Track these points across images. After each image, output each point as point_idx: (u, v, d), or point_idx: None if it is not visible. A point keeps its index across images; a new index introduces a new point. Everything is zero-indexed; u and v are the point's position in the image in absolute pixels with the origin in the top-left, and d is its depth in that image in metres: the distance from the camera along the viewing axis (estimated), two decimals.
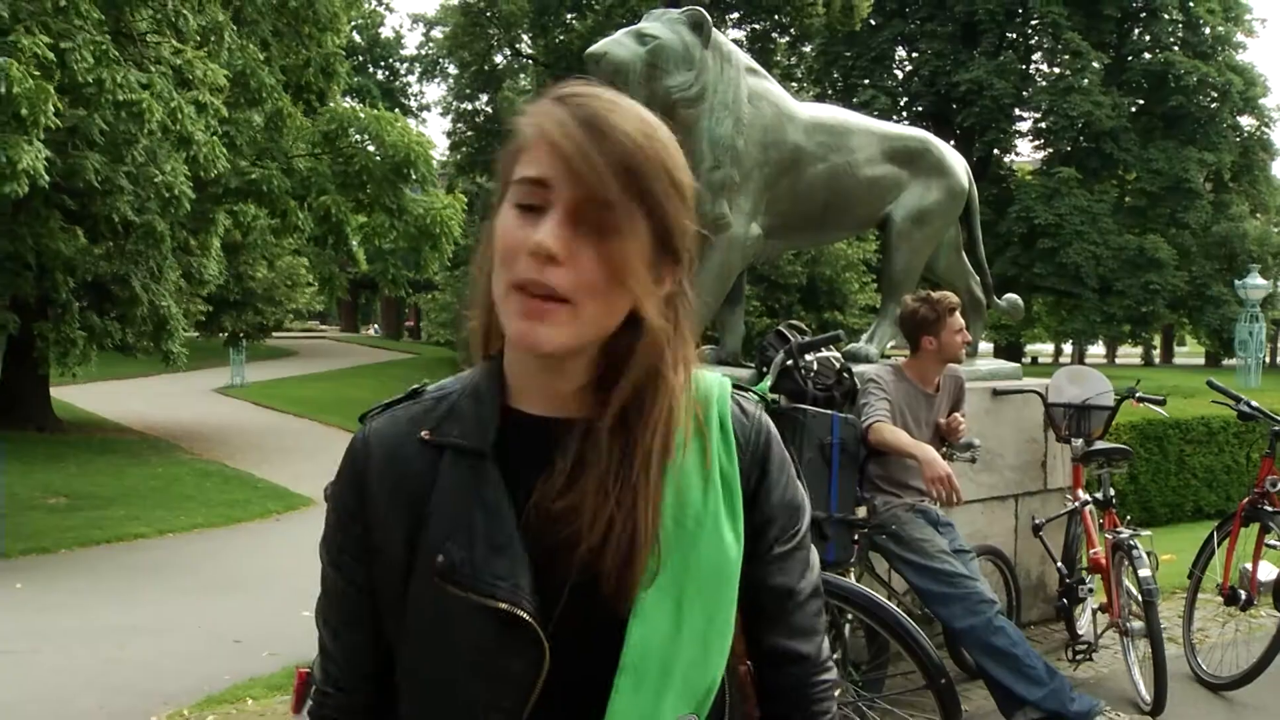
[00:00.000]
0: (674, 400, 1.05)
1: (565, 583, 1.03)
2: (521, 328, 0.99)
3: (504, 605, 1.00)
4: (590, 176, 0.97)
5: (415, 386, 1.15)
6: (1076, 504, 4.85)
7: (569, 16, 29.65)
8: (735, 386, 1.17)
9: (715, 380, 1.14)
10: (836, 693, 1.21)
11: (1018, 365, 5.83)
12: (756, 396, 1.19)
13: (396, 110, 18.73)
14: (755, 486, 1.12)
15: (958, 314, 4.23)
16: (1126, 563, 4.40)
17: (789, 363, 4.00)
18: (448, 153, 34.94)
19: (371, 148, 14.09)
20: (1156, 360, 48.07)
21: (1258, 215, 38.36)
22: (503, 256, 1.00)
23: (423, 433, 1.08)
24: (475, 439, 1.06)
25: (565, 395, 1.06)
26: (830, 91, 35.02)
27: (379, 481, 1.09)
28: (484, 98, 34.22)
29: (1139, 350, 48.03)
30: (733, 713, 1.13)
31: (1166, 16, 35.25)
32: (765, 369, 4.09)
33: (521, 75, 34.77)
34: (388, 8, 58.28)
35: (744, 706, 1.16)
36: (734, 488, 1.09)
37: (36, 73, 8.26)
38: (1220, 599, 4.91)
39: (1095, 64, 34.32)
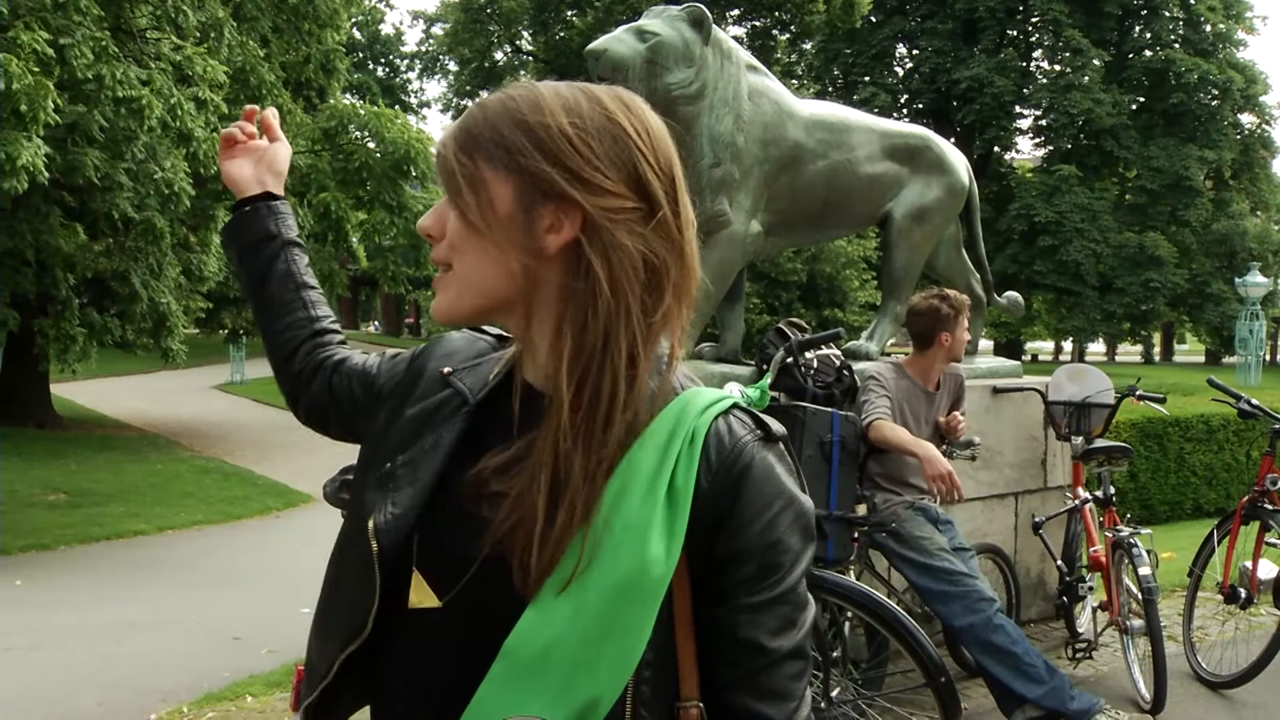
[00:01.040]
0: (618, 390, 1.00)
1: (478, 556, 1.01)
2: (434, 302, 1.10)
3: (370, 526, 1.07)
4: (436, 156, 1.09)
5: (504, 334, 1.23)
6: (1076, 502, 4.85)
7: (569, 13, 29.67)
8: (741, 409, 1.08)
9: (712, 396, 1.07)
10: None
11: (1018, 363, 5.83)
12: (755, 425, 1.07)
13: (396, 107, 18.73)
14: (724, 514, 1.02)
15: (967, 312, 4.27)
16: (1126, 561, 4.39)
17: (789, 360, 4.00)
18: None
19: (371, 144, 14.10)
20: (1156, 358, 48.09)
21: (1258, 213, 38.38)
22: None
23: (446, 368, 1.17)
24: (472, 389, 1.14)
25: (549, 371, 1.06)
26: (830, 89, 35.03)
27: (417, 371, 1.21)
28: (484, 95, 34.13)
29: (1139, 348, 48.07)
30: None
31: (1167, 14, 35.26)
32: (765, 366, 4.08)
33: (522, 72, 34.74)
34: (388, 4, 58.25)
35: None
36: (681, 504, 1.00)
37: (36, 69, 8.25)
38: (1220, 597, 4.91)
39: (1096, 61, 34.34)
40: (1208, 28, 35.67)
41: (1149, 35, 36.01)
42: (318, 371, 1.41)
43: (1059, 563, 4.95)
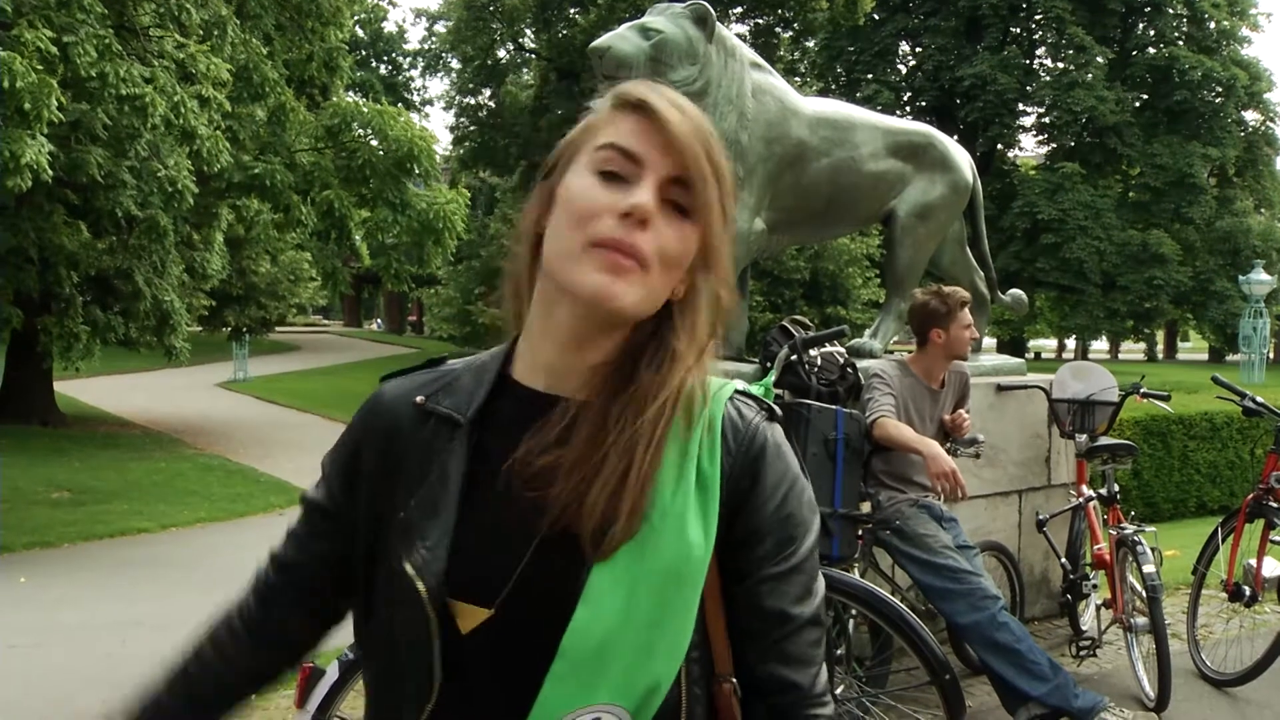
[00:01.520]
0: (685, 374, 1.06)
1: (529, 545, 1.02)
2: (601, 281, 1.01)
3: (409, 570, 1.03)
4: (688, 154, 1.03)
5: (436, 357, 1.21)
6: (1080, 499, 4.84)
7: (572, 10, 29.60)
8: (742, 393, 1.14)
9: (719, 382, 1.12)
10: None
11: (1021, 361, 5.82)
12: (759, 407, 1.14)
13: (399, 105, 18.71)
14: (745, 495, 1.08)
15: (966, 309, 4.23)
16: (1130, 558, 4.39)
17: (793, 358, 4.00)
18: (450, 147, 34.92)
19: (374, 142, 14.05)
20: (1160, 356, 48.02)
21: (1262, 210, 38.30)
22: (579, 216, 1.03)
23: (418, 398, 1.13)
24: (459, 409, 1.10)
25: (577, 372, 1.07)
26: (834, 86, 35.00)
27: (378, 437, 1.14)
28: (487, 92, 34.21)
29: (1142, 346, 47.96)
30: None
31: (1171, 11, 35.19)
32: (769, 364, 4.08)
33: (524, 70, 34.76)
34: (391, 2, 58.32)
35: None
36: (711, 489, 1.05)
37: (39, 67, 8.24)
38: (1224, 595, 4.91)
39: (1099, 59, 34.28)
40: (1211, 25, 35.59)
41: (1152, 32, 35.94)
42: (306, 593, 1.21)
43: (1063, 560, 4.94)
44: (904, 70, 37.68)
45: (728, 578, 1.08)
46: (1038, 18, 35.42)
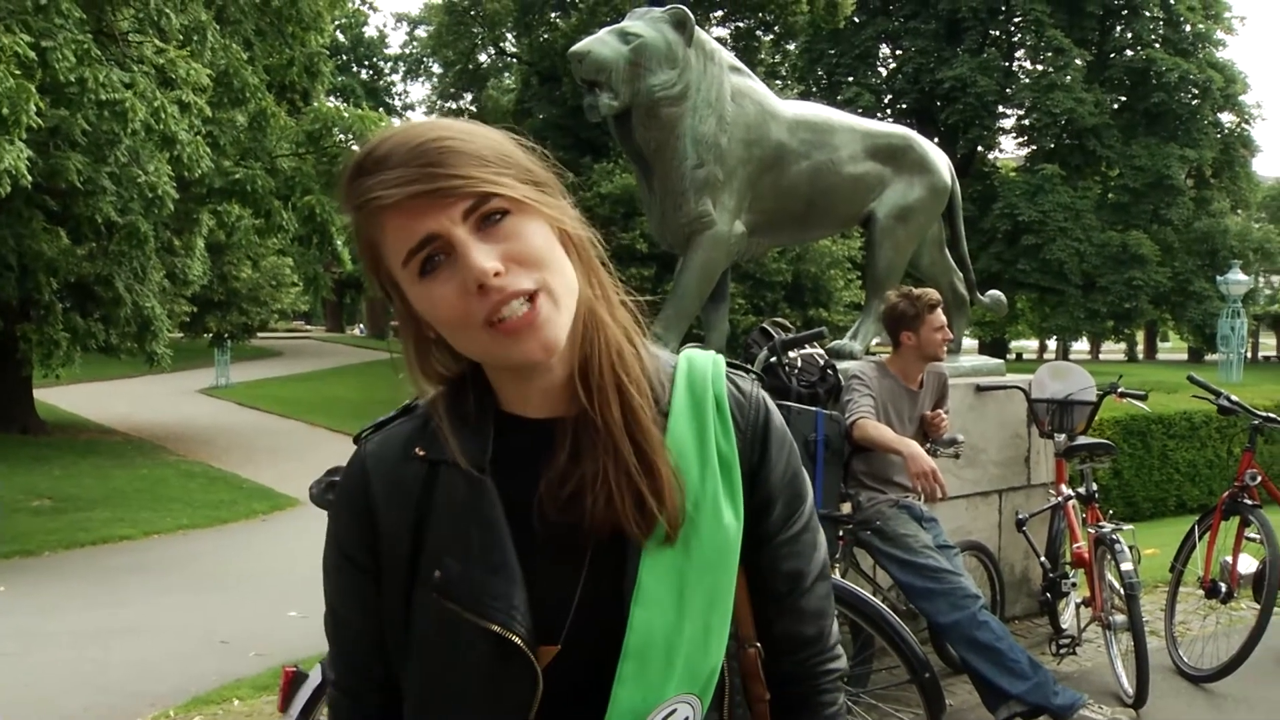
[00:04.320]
0: (622, 355, 1.07)
1: (581, 571, 1.04)
2: (523, 347, 0.99)
3: (495, 628, 1.00)
4: (449, 190, 0.97)
5: (408, 403, 1.15)
6: (1060, 499, 4.88)
7: (553, 15, 29.64)
8: (729, 364, 1.16)
9: (709, 358, 1.13)
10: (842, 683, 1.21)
11: (1001, 361, 5.86)
12: (751, 373, 1.17)
13: (381, 109, 18.66)
14: (756, 466, 1.11)
15: (939, 310, 4.24)
16: (1109, 557, 4.43)
17: (773, 360, 4.02)
18: None
19: (356, 147, 14.02)
20: (1140, 356, 48.29)
21: (1238, 211, 38.61)
22: (453, 323, 1.00)
23: (417, 450, 1.08)
24: (471, 456, 1.05)
25: (555, 392, 1.07)
26: (814, 89, 35.07)
27: (383, 503, 1.09)
28: (468, 97, 34.23)
29: (1122, 346, 48.23)
30: (733, 697, 1.12)
31: (1148, 14, 35.40)
32: (749, 366, 4.10)
33: (506, 74, 34.77)
34: (371, 7, 58.00)
35: (754, 689, 1.15)
36: (733, 468, 1.07)
37: (17, 72, 8.21)
38: (1201, 592, 4.96)
39: (1078, 61, 34.47)
40: (1188, 28, 35.81)
41: (1130, 35, 36.16)
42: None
43: (1042, 559, 4.98)
44: (884, 73, 37.78)
45: (747, 546, 1.10)
46: (1017, 20, 35.59)
